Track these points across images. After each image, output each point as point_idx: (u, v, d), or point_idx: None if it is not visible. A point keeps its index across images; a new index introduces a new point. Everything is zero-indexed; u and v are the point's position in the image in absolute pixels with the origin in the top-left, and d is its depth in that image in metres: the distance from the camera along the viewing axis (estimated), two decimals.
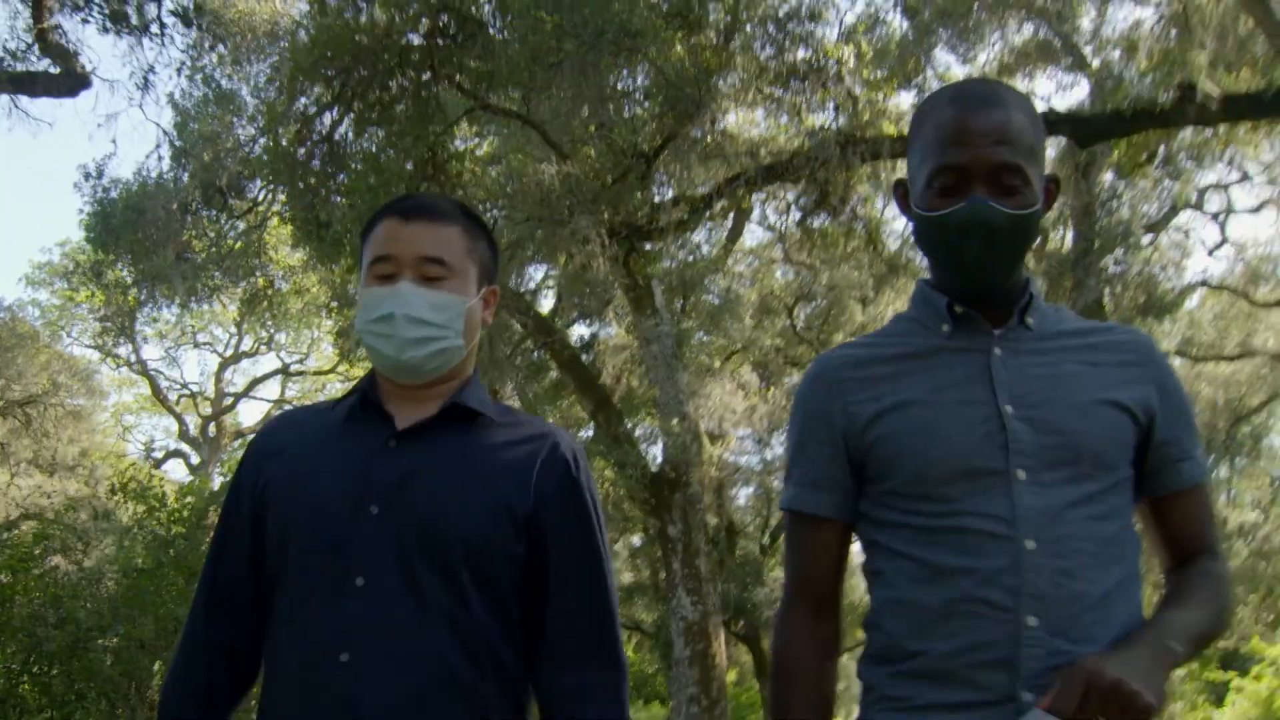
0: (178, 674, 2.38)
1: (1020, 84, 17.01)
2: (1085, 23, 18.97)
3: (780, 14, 10.32)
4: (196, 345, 28.58)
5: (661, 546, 15.29)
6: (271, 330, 27.72)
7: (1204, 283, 22.18)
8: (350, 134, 10.13)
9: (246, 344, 30.46)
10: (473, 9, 9.01)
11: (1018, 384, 2.11)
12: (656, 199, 10.49)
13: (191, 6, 11.26)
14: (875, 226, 13.20)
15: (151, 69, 12.25)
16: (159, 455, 32.18)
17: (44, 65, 12.46)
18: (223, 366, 30.87)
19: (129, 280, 17.69)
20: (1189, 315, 22.24)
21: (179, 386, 31.93)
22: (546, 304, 18.13)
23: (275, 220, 17.01)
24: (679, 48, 9.53)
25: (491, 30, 8.99)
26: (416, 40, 9.15)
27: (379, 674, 2.13)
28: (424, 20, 8.92)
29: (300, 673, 2.17)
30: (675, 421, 14.54)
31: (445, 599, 2.19)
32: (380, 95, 9.29)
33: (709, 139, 9.92)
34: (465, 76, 9.19)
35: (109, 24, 10.75)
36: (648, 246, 10.73)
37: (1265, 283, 21.90)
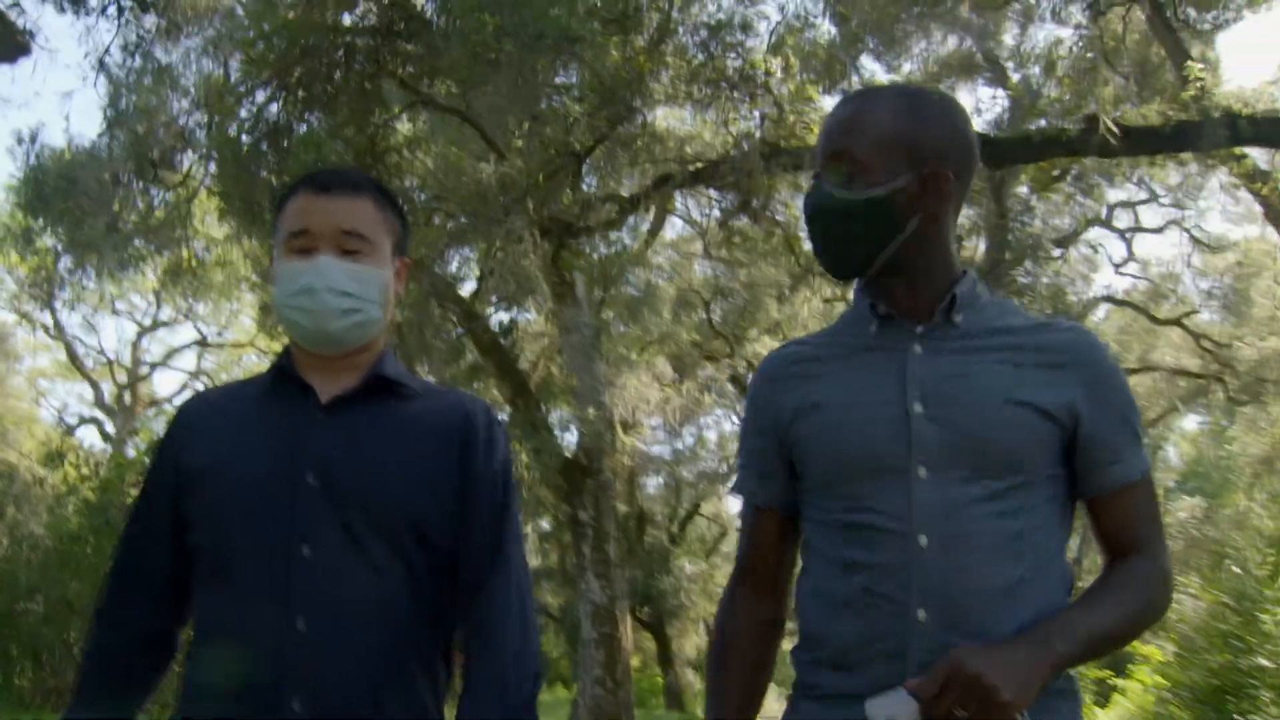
0: (94, 660, 2.40)
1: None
2: (1008, 39, 19.65)
3: (713, 22, 10.76)
4: (115, 313, 28.47)
5: (572, 531, 15.75)
6: (191, 301, 27.62)
7: (1109, 297, 23.00)
8: (293, 120, 10.43)
9: (165, 314, 30.43)
10: (417, 6, 9.35)
11: (931, 383, 2.14)
12: (587, 197, 10.89)
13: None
14: (794, 229, 13.70)
15: (107, 50, 12.33)
16: (73, 421, 32.00)
17: None
18: (140, 335, 30.83)
19: (58, 248, 17.65)
20: (1094, 329, 22.96)
21: (96, 353, 31.78)
22: (467, 286, 18.37)
23: (204, 193, 17.11)
24: (614, 51, 9.93)
25: (435, 27, 9.33)
26: (361, 39, 9.48)
27: (338, 638, 2.17)
28: (371, 15, 9.26)
29: (256, 642, 2.17)
30: (591, 410, 14.96)
31: (393, 564, 2.24)
32: (325, 86, 9.62)
33: (639, 142, 10.35)
34: (407, 71, 9.54)
35: (67, 4, 10.87)
36: (576, 243, 11.11)
37: (1166, 300, 22.74)
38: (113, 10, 11.40)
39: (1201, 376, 21.85)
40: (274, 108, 10.68)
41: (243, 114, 11.98)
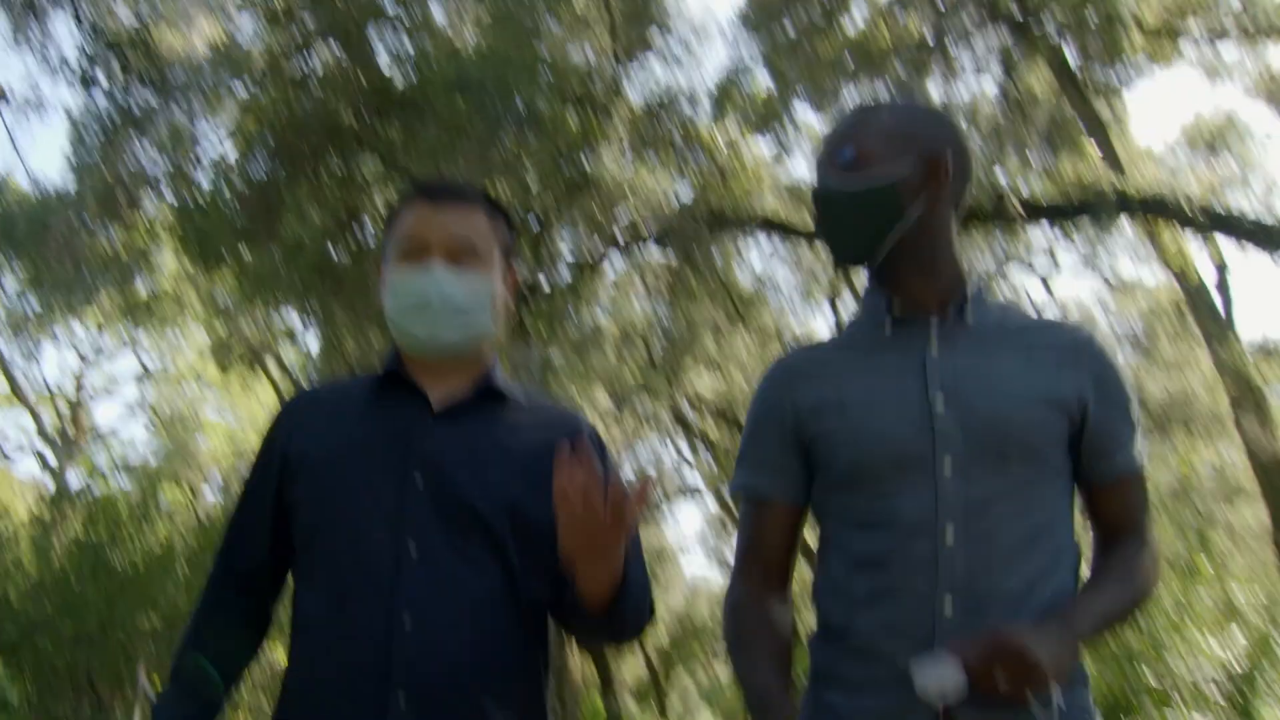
0: (196, 639, 2.43)
1: None
2: (934, 92, 20.90)
3: (661, 97, 12.04)
4: (55, 339, 28.97)
5: None
6: (134, 331, 28.33)
7: None
8: (280, 185, 11.54)
9: (106, 343, 31.02)
10: (397, 91, 10.53)
11: (950, 378, 2.19)
12: (547, 258, 12.15)
13: (147, 67, 12.37)
14: (730, 278, 14.92)
15: (109, 117, 13.36)
16: (10, 450, 32.49)
17: None
18: (82, 365, 31.40)
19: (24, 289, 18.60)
20: None
21: (38, 383, 32.34)
22: None
23: (163, 234, 18.04)
24: (570, 123, 11.16)
25: (412, 108, 10.51)
26: (346, 117, 10.65)
27: (443, 636, 2.20)
28: (358, 99, 10.43)
29: (362, 638, 2.20)
30: None
31: (496, 567, 2.27)
32: (311, 161, 10.75)
33: (594, 204, 11.61)
34: (385, 145, 10.72)
35: (81, 84, 11.86)
36: (538, 304, 12.32)
37: None
38: (109, 85, 12.38)
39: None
40: (256, 169, 11.77)
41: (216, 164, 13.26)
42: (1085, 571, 2.29)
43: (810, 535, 2.49)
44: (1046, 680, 1.93)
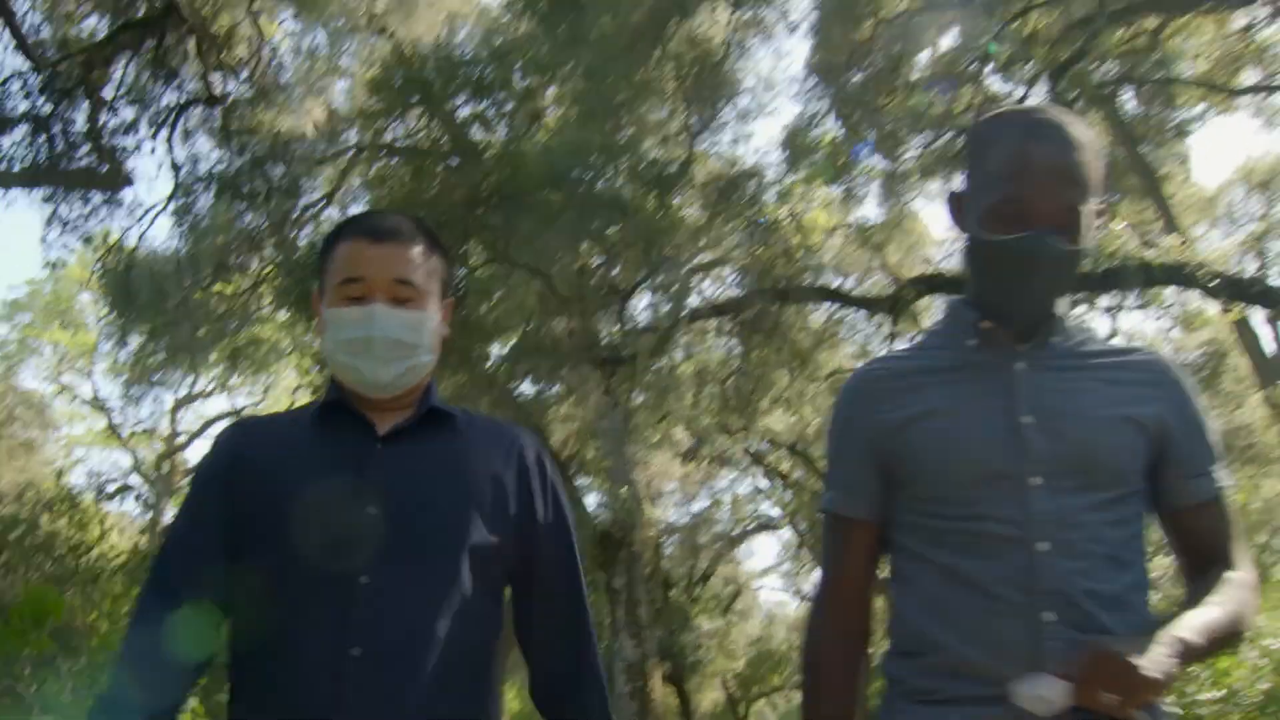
0: (129, 663, 2.33)
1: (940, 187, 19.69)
2: None
3: (732, 177, 13.73)
4: (152, 384, 30.71)
5: (608, 596, 18.40)
6: (229, 374, 30.09)
7: None
8: None
9: (200, 385, 33.00)
10: (496, 185, 12.33)
11: (1038, 397, 2.23)
12: (630, 330, 13.92)
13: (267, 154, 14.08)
14: (795, 337, 16.53)
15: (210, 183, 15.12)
16: (110, 490, 34.54)
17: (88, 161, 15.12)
18: (177, 406, 33.43)
19: (148, 347, 20.51)
20: None
21: (134, 423, 34.50)
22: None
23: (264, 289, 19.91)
24: (650, 206, 12.86)
25: (510, 201, 12.31)
26: (453, 209, 12.46)
27: (393, 666, 2.22)
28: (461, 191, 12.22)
29: (306, 669, 2.21)
30: (623, 489, 17.78)
31: (450, 594, 2.29)
32: None
33: (674, 284, 13.37)
34: (487, 234, 12.52)
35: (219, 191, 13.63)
36: (624, 370, 14.04)
37: None
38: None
39: None
40: None
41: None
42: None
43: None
44: (1152, 694, 1.96)
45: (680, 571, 31.72)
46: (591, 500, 21.90)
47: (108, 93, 13.51)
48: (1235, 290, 12.65)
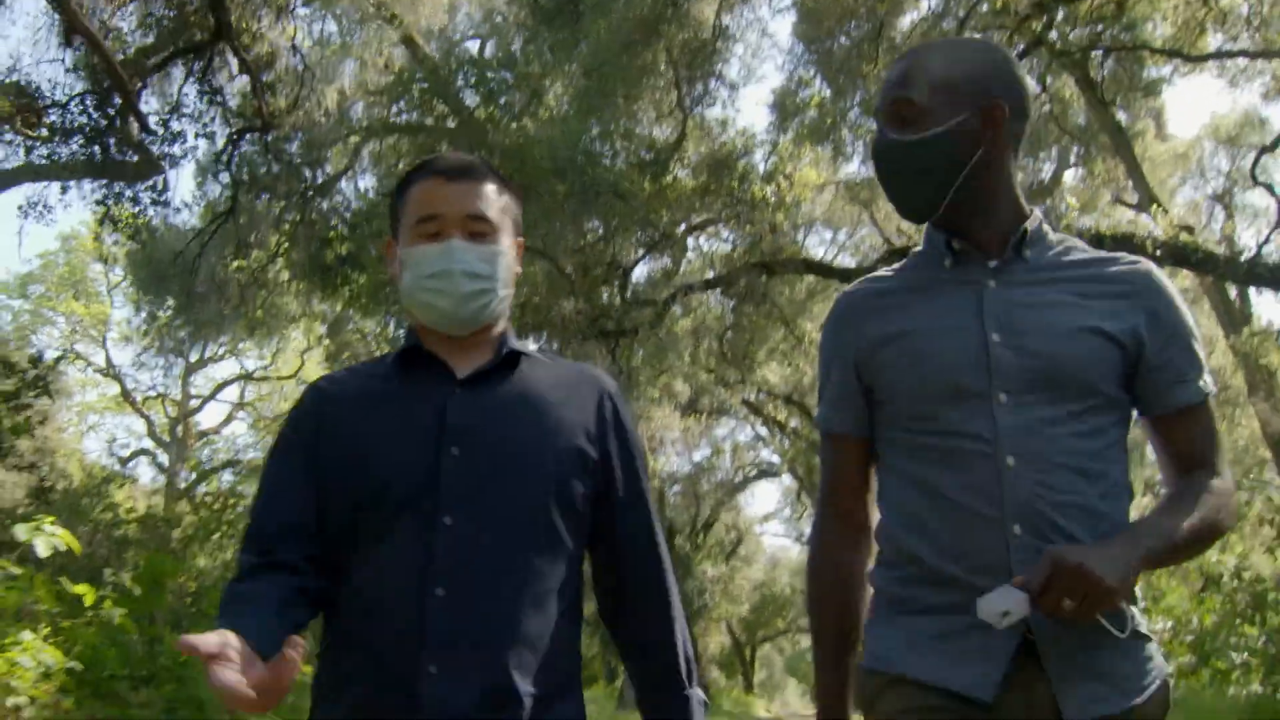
0: (226, 612, 2.22)
1: None
2: None
3: (722, 157, 15.38)
4: (160, 351, 31.41)
5: None
6: (238, 339, 31.42)
7: None
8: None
9: (210, 350, 34.67)
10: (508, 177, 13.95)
11: (1006, 313, 2.32)
12: (631, 301, 15.67)
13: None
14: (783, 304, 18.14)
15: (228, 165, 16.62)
16: (124, 454, 36.03)
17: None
18: (188, 371, 34.95)
19: (174, 321, 22.15)
20: None
21: (147, 388, 36.15)
22: None
23: (282, 263, 21.47)
24: (647, 188, 14.52)
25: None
26: None
27: (476, 605, 2.26)
28: None
29: (394, 610, 2.27)
30: None
31: (533, 533, 2.34)
32: None
33: (670, 264, 15.06)
34: None
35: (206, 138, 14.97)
36: (625, 340, 15.76)
37: None
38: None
39: None
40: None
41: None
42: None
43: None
44: (1112, 598, 2.03)
45: (683, 519, 33.25)
46: None
47: (157, 105, 15.01)
48: (1179, 257, 14.11)
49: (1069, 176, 22.37)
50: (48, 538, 6.40)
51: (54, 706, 6.28)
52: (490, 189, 2.52)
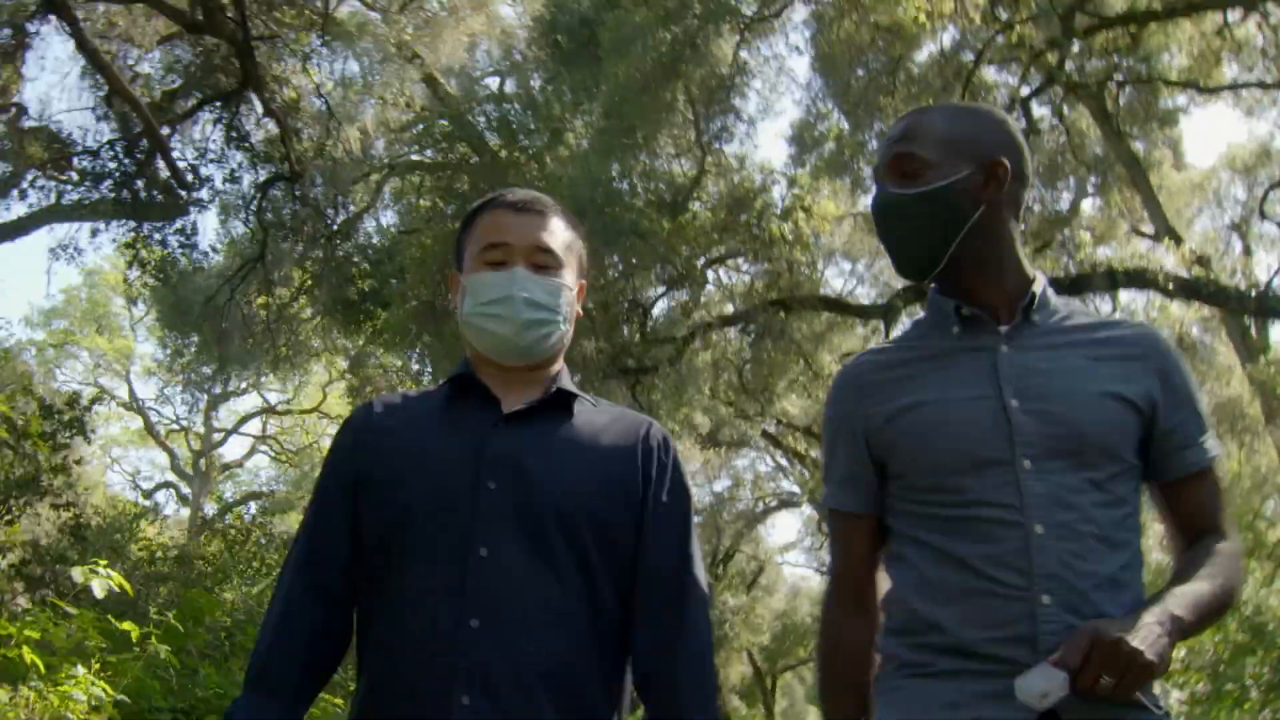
0: (274, 644, 2.44)
1: None
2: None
3: (740, 196, 15.75)
4: (183, 384, 32.32)
5: None
6: (260, 373, 31.85)
7: None
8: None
9: (233, 384, 34.83)
10: None
11: (1022, 379, 2.31)
12: (651, 341, 16.07)
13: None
14: (805, 346, 18.54)
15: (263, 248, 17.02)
16: (147, 487, 36.54)
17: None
18: (211, 404, 35.35)
19: (201, 359, 22.58)
20: None
21: (170, 422, 36.61)
22: None
23: (304, 299, 21.86)
24: (666, 226, 14.88)
25: None
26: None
27: (511, 639, 2.28)
28: None
29: (428, 641, 2.29)
30: None
31: (571, 570, 2.37)
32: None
33: (689, 301, 15.46)
34: None
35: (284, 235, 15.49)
36: (646, 379, 16.14)
37: None
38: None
39: None
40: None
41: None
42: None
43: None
44: (1151, 674, 2.00)
45: (705, 550, 32.86)
46: None
47: (185, 149, 15.48)
48: (1190, 292, 14.39)
49: (1086, 206, 22.58)
50: (103, 580, 6.78)
51: None
52: (558, 224, 2.62)
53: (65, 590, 11.58)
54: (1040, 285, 2.43)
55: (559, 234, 2.61)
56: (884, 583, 2.55)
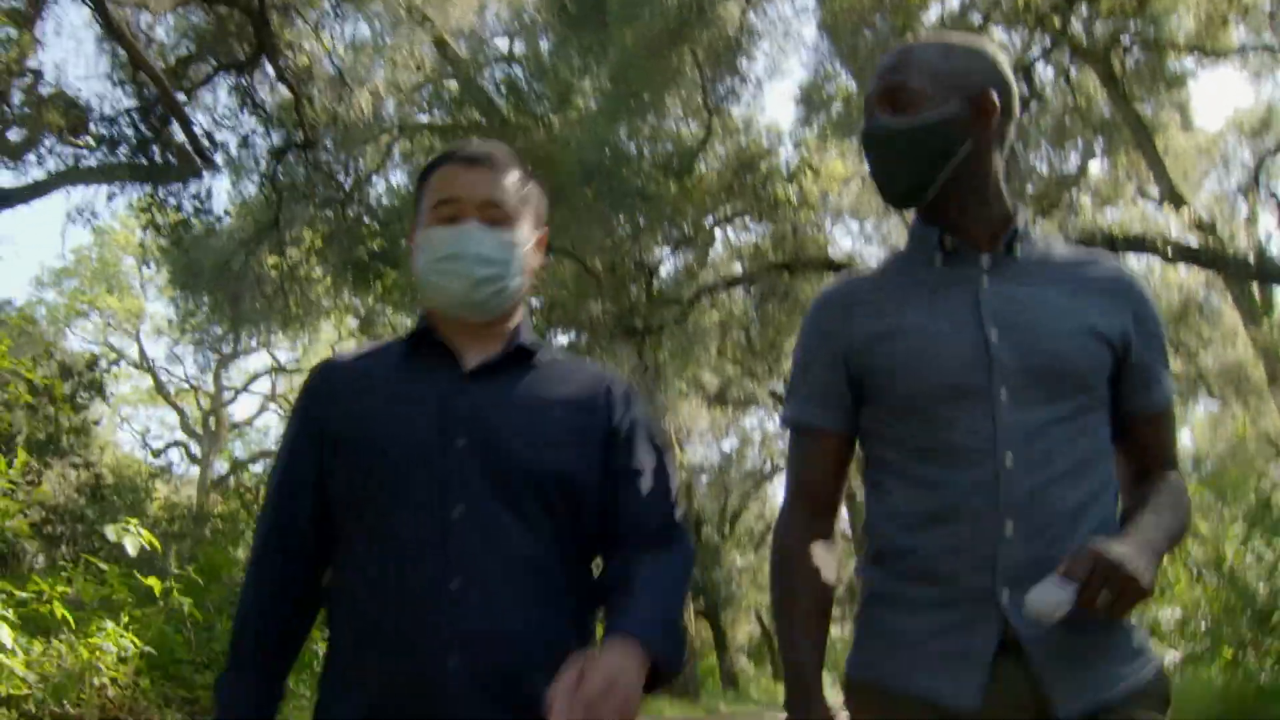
0: (253, 613, 2.47)
1: None
2: None
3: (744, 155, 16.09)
4: (195, 343, 31.74)
5: None
6: (270, 331, 32.25)
7: None
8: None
9: (242, 342, 35.21)
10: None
11: (1002, 310, 2.31)
12: (657, 300, 16.42)
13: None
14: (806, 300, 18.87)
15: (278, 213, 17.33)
16: (157, 446, 36.97)
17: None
18: (221, 363, 35.75)
19: (214, 319, 22.96)
20: None
21: (179, 380, 37.07)
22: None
23: (315, 259, 22.18)
24: (673, 188, 15.23)
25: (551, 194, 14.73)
26: None
27: (493, 596, 2.28)
28: None
29: (408, 603, 2.28)
30: None
31: (544, 524, 2.35)
32: None
33: (694, 263, 15.82)
34: None
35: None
36: (653, 337, 16.53)
37: None
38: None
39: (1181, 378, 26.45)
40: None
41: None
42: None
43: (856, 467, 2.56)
44: (1144, 595, 2.04)
45: (712, 509, 33.70)
46: None
47: (200, 116, 15.74)
48: (1190, 257, 14.68)
49: (1094, 168, 22.80)
50: (134, 538, 7.16)
51: (132, 687, 7.06)
52: (511, 177, 2.52)
53: (83, 547, 12.06)
54: (1022, 219, 2.44)
55: (511, 187, 2.52)
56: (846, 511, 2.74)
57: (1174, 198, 18.34)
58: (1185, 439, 32.38)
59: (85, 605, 7.40)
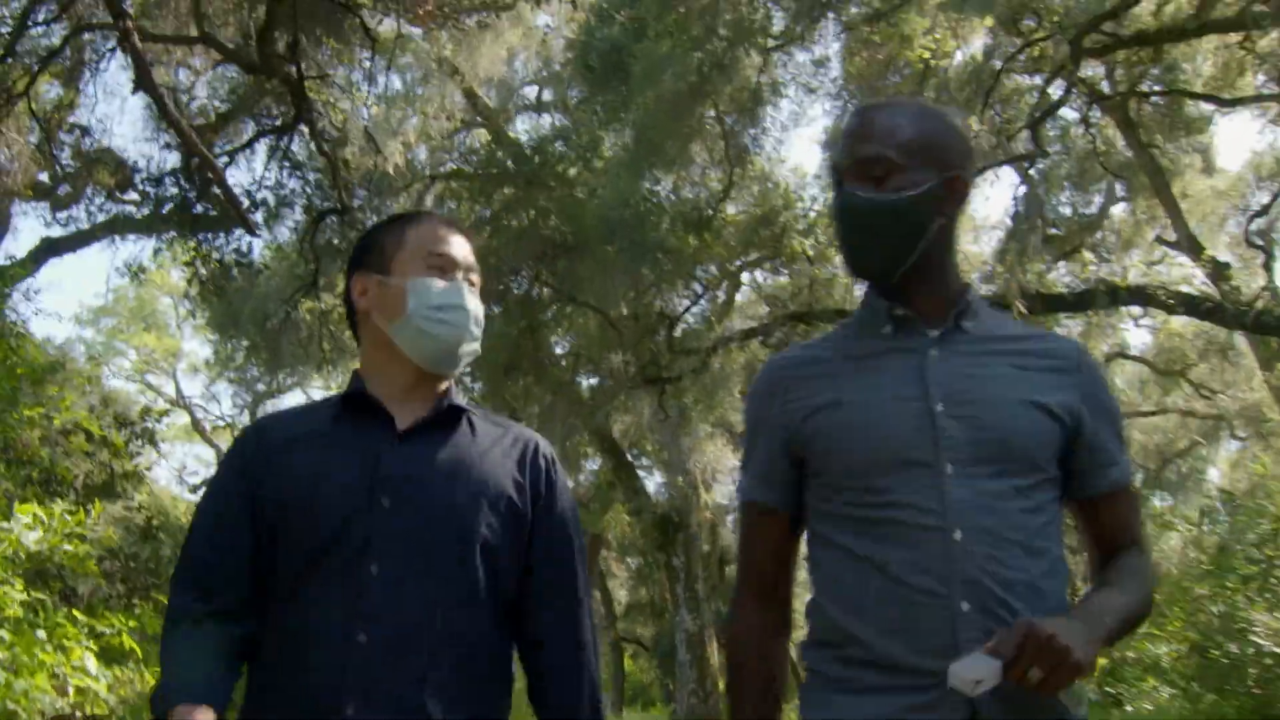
0: (178, 660, 2.42)
1: None
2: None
3: (760, 210, 17.14)
4: (230, 381, 33.64)
5: (667, 574, 21.71)
6: (305, 373, 33.10)
7: (1122, 353, 28.12)
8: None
9: (277, 381, 36.14)
10: (563, 239, 15.87)
11: (950, 383, 2.33)
12: (677, 350, 17.49)
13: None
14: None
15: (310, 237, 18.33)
16: (194, 481, 37.92)
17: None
18: (256, 401, 36.61)
19: (251, 362, 24.01)
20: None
21: (215, 418, 38.13)
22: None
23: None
24: (691, 242, 16.25)
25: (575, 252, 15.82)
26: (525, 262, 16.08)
27: (396, 652, 2.36)
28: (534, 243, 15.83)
29: (314, 654, 2.36)
30: (679, 478, 21.37)
31: (458, 588, 2.44)
32: (498, 289, 16.08)
33: (711, 317, 16.97)
34: (554, 279, 16.12)
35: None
36: (674, 387, 17.53)
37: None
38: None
39: (1206, 417, 27.07)
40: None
41: None
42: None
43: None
44: (1079, 672, 2.02)
45: (735, 549, 33.91)
46: (652, 485, 25.20)
47: (240, 176, 16.69)
48: (1190, 307, 15.35)
49: (1116, 211, 23.39)
50: None
51: None
52: (473, 246, 2.71)
53: (135, 584, 13.06)
54: (972, 294, 2.47)
55: (475, 262, 2.71)
56: (797, 586, 2.64)
57: (1191, 243, 19.14)
58: (1213, 475, 32.98)
59: (149, 637, 8.29)
